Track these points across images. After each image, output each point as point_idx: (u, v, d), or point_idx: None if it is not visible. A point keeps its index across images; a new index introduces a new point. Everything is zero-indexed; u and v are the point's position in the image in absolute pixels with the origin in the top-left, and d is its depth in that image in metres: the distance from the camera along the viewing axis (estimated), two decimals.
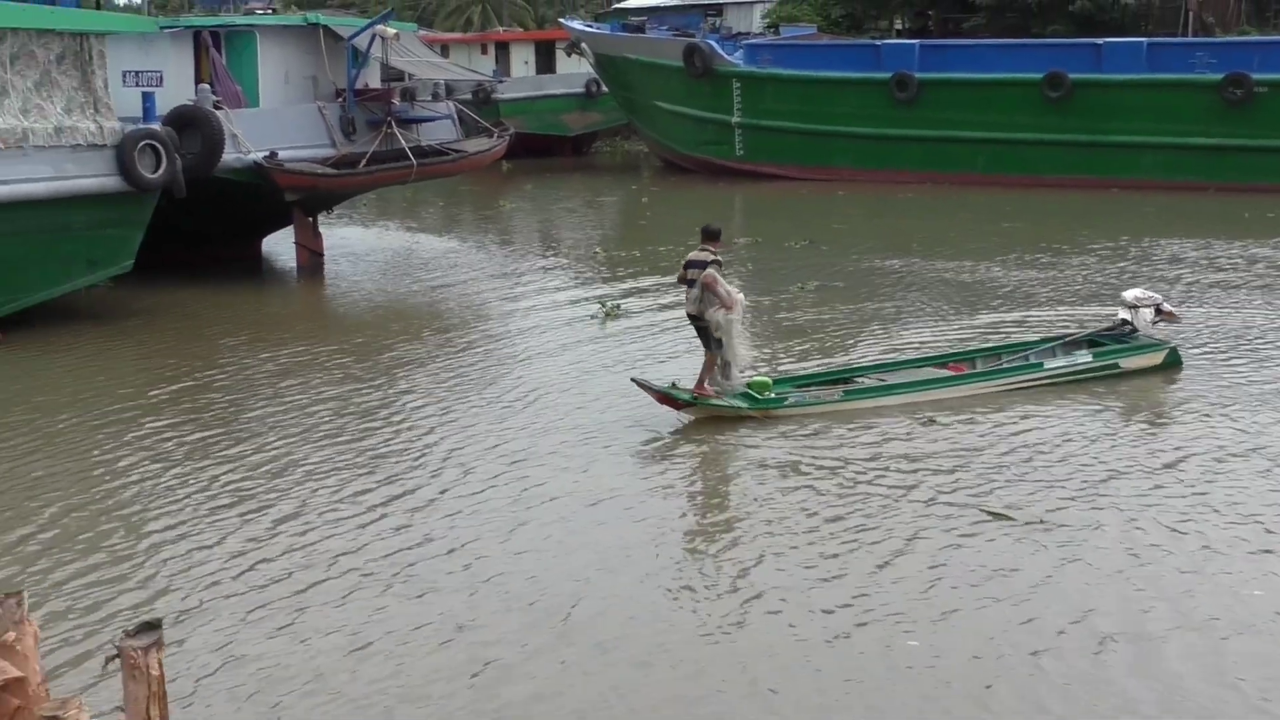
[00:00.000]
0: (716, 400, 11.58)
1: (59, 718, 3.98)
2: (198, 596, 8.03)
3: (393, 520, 9.29)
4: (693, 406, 11.49)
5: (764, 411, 11.53)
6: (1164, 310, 13.20)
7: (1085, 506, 9.27)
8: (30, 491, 10.09)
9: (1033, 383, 12.39)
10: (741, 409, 11.52)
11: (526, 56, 44.41)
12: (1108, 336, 13.30)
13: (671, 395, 11.44)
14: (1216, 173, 28.72)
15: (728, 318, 11.40)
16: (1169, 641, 7.22)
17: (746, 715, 6.54)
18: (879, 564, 8.33)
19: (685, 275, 11.67)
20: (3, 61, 15.13)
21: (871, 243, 22.61)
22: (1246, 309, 16.32)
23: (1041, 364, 12.68)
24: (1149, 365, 12.86)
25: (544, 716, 6.56)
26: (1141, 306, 13.11)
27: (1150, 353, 12.94)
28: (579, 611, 7.72)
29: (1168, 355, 13.00)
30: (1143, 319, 13.08)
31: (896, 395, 12.03)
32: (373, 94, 21.35)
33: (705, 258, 11.52)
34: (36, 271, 15.74)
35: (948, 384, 12.32)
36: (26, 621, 4.21)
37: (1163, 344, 13.12)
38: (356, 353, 14.84)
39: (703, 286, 11.39)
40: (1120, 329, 13.27)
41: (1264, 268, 19.48)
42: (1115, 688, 6.70)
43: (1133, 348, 12.98)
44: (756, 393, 11.63)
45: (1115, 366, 12.74)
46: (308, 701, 6.70)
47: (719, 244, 11.77)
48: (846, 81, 32.53)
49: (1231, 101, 28.72)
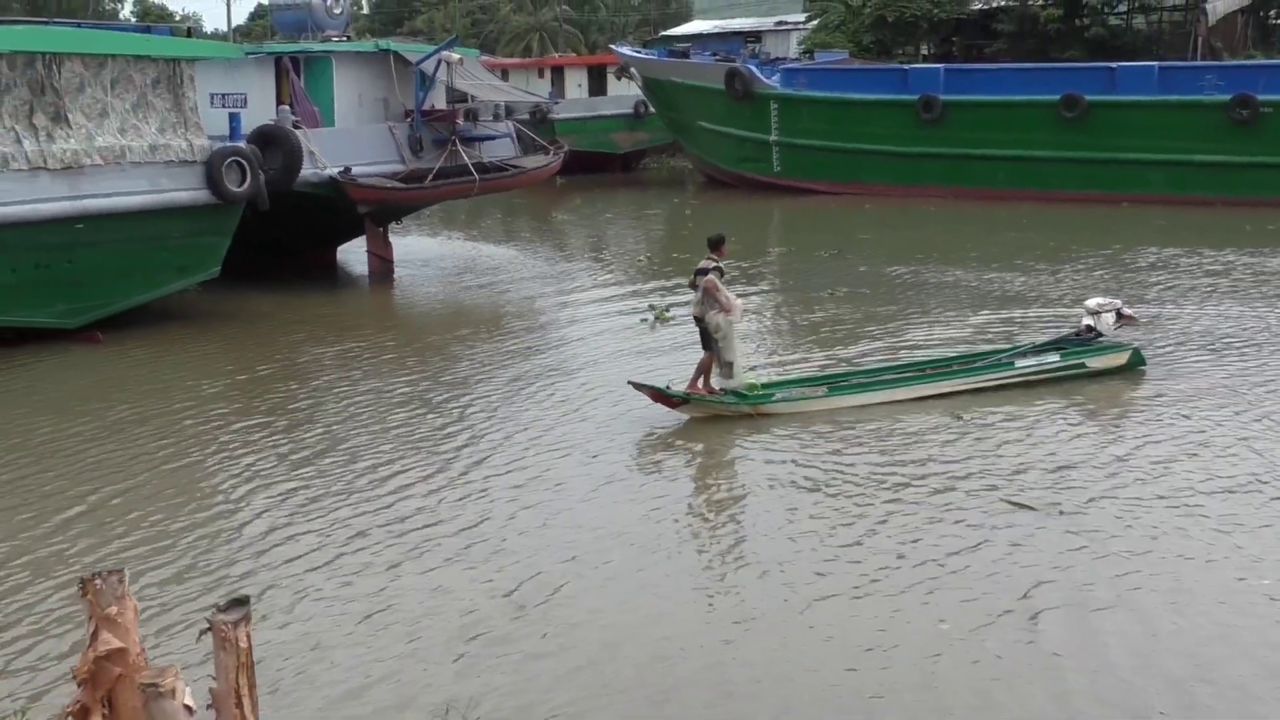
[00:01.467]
0: (709, 397, 11.50)
1: (157, 685, 4.03)
2: (273, 576, 8.11)
3: (496, 506, 9.35)
4: (687, 404, 11.40)
5: (755, 407, 11.47)
6: (1124, 314, 13.24)
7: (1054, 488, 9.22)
8: (132, 476, 10.24)
9: (1005, 380, 12.33)
10: (733, 405, 11.46)
11: (580, 80, 44.48)
12: (1074, 342, 13.23)
13: (667, 394, 11.37)
14: (1223, 188, 28.25)
15: (727, 319, 11.34)
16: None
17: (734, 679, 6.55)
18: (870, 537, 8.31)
19: (694, 280, 11.62)
20: (104, 85, 15.36)
21: (895, 252, 22.46)
22: (1214, 312, 16.13)
23: (1013, 363, 12.63)
24: (1114, 365, 12.81)
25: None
26: (1103, 312, 13.12)
27: (1114, 354, 12.91)
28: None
29: (1131, 356, 12.96)
30: (1105, 324, 13.06)
31: (878, 391, 11.97)
32: (439, 114, 21.46)
33: (708, 265, 11.45)
34: (133, 278, 15.95)
35: (926, 381, 12.24)
36: (127, 597, 4.27)
37: (1126, 346, 13.10)
38: (423, 349, 14.95)
39: (704, 291, 11.34)
40: (1085, 334, 13.22)
41: (1243, 274, 19.20)
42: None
43: (1097, 349, 12.94)
44: (746, 391, 11.58)
45: (1082, 366, 12.68)
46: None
47: (722, 251, 11.68)
48: (876, 103, 32.37)
49: (1238, 121, 28.26)
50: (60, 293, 15.22)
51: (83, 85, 15.08)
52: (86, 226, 15.11)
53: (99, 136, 15.23)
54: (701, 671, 6.72)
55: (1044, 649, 6.91)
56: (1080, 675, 6.59)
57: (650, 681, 6.63)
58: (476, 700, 6.39)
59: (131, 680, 4.10)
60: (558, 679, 6.66)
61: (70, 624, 7.24)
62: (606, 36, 63.75)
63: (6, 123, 14.51)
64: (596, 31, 68.33)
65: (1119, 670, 6.64)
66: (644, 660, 6.86)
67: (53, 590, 7.89)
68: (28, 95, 14.62)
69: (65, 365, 14.43)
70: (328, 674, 6.77)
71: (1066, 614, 7.31)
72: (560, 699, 6.46)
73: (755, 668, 6.72)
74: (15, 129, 14.57)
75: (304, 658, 6.94)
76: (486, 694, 6.48)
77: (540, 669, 6.76)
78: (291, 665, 6.85)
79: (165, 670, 4.12)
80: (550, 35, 64.65)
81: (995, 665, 6.73)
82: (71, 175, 14.95)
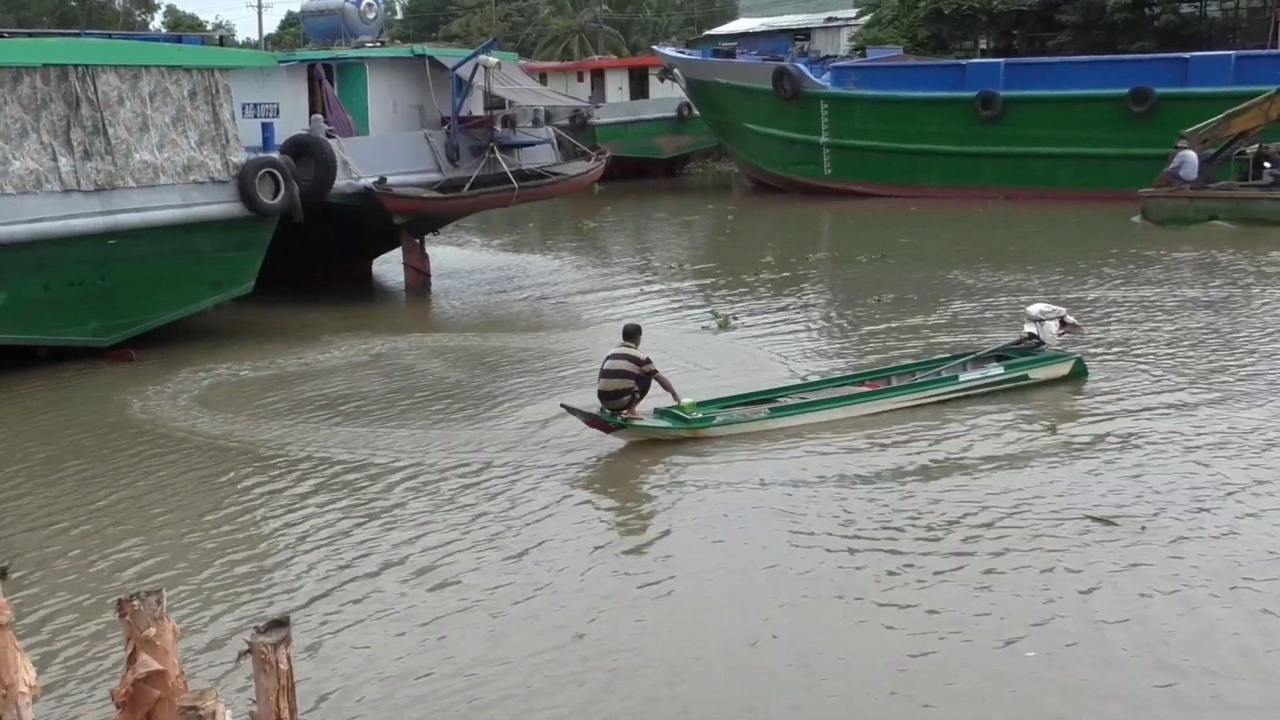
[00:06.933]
0: (645, 422, 11.35)
1: (197, 708, 4.10)
2: (312, 593, 8.22)
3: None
4: (622, 430, 11.26)
5: (694, 431, 11.33)
6: (1068, 322, 13.25)
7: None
8: (163, 497, 10.42)
9: (948, 395, 12.27)
10: (671, 430, 11.34)
11: (621, 83, 44.68)
12: (1015, 351, 13.18)
13: (601, 419, 11.22)
14: None
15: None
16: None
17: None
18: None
19: (613, 367, 11.28)
20: (143, 97, 15.64)
21: (941, 257, 22.40)
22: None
23: (956, 377, 12.57)
24: (1057, 375, 12.79)
25: None
26: (1046, 320, 13.10)
27: (1058, 364, 12.88)
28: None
29: (1075, 365, 12.93)
30: (1048, 331, 13.05)
31: (820, 411, 11.89)
32: (476, 121, 21.66)
33: (640, 356, 11.31)
34: (166, 293, 16.23)
35: (868, 399, 12.17)
36: (165, 618, 4.36)
37: (1069, 355, 13.07)
38: (466, 365, 15.04)
39: (656, 380, 11.22)
40: (1027, 343, 13.16)
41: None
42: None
43: (1041, 359, 12.90)
44: (684, 414, 11.43)
45: (1025, 378, 12.66)
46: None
47: (639, 341, 11.52)
48: (932, 101, 32.21)
49: None
50: (93, 310, 15.52)
51: (121, 99, 15.37)
52: (119, 242, 15.40)
53: (138, 152, 15.50)
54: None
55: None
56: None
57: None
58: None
59: (171, 703, 4.18)
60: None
61: (107, 644, 7.37)
62: (648, 38, 63.98)
63: (44, 138, 14.82)
64: (638, 32, 68.58)
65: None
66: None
67: (91, 610, 8.03)
68: (64, 110, 14.91)
69: (97, 383, 14.70)
70: (371, 695, 6.85)
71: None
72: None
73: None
74: (53, 145, 14.87)
75: (345, 681, 7.01)
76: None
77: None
78: (333, 687, 6.93)
79: (205, 693, 4.20)
80: (590, 37, 64.99)
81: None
82: (104, 191, 15.24)
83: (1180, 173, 25.10)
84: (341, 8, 23.28)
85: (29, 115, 14.67)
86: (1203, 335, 15.08)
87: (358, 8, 23.46)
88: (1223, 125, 25.29)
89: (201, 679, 6.69)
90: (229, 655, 7.16)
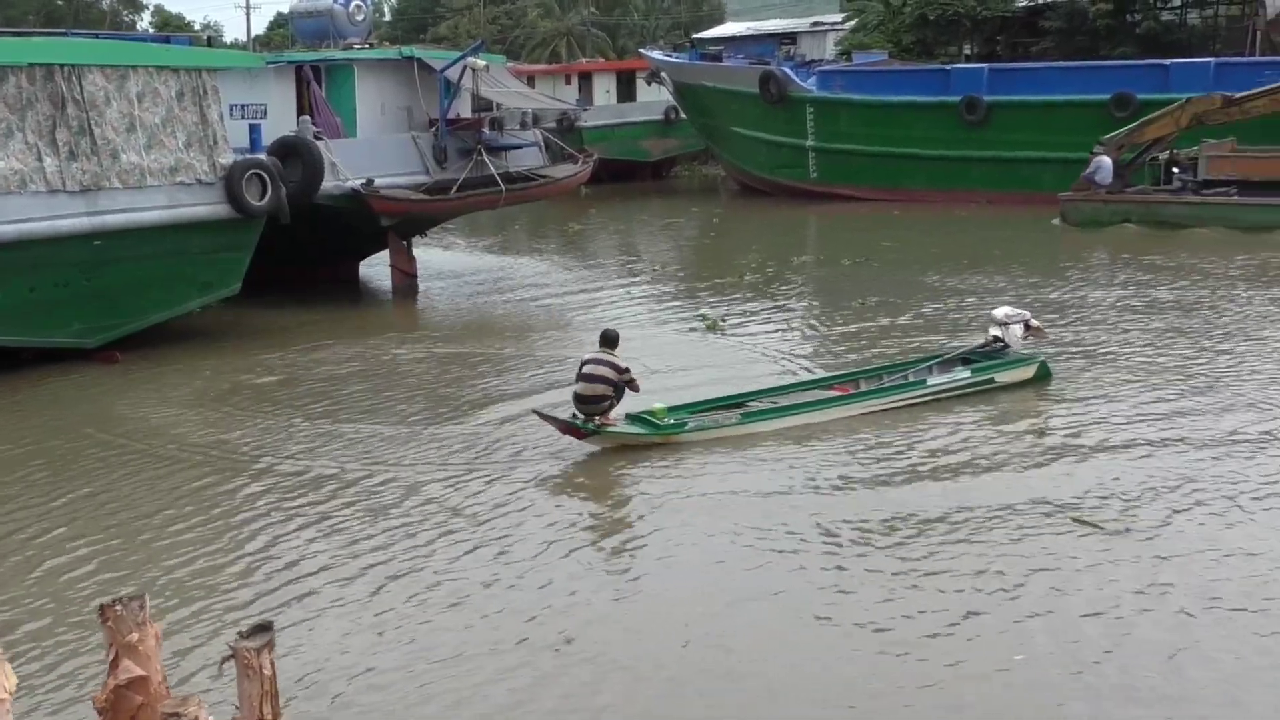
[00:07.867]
0: (619, 429, 11.33)
1: (180, 714, 4.08)
2: (293, 598, 8.17)
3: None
4: (596, 436, 11.25)
5: (666, 437, 11.31)
6: (1032, 325, 13.38)
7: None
8: (144, 500, 10.35)
9: (917, 400, 12.34)
10: (644, 436, 11.32)
11: (608, 86, 44.66)
12: (980, 354, 13.26)
13: (575, 425, 11.21)
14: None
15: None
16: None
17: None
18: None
19: (589, 371, 11.28)
20: (130, 98, 15.54)
21: (923, 260, 22.43)
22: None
23: (924, 381, 12.65)
24: (1022, 379, 12.91)
25: None
26: (1011, 323, 13.19)
27: (1023, 367, 12.99)
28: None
29: (1039, 369, 13.06)
30: (1013, 335, 13.16)
31: (791, 416, 11.90)
32: (464, 123, 21.61)
33: (619, 363, 11.29)
34: (153, 295, 16.12)
35: (839, 404, 12.21)
36: (148, 623, 4.32)
37: (1034, 358, 13.18)
38: (454, 366, 15.01)
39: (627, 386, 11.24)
40: (992, 345, 13.24)
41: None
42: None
43: (1006, 363, 13.01)
44: (656, 419, 11.41)
45: (991, 381, 12.77)
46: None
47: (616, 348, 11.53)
48: (917, 105, 32.29)
49: None
50: (79, 311, 15.42)
51: (108, 99, 15.26)
52: (105, 243, 15.31)
53: (125, 153, 15.40)
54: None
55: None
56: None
57: None
58: None
59: (154, 709, 4.15)
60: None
61: (88, 651, 7.32)
62: (636, 41, 63.96)
63: (29, 138, 14.71)
64: (626, 36, 68.55)
65: None
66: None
67: (71, 615, 7.97)
68: (50, 110, 14.80)
69: (79, 384, 14.61)
70: (356, 698, 6.81)
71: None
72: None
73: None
74: (38, 145, 14.77)
75: (329, 684, 6.98)
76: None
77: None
78: (316, 692, 6.89)
79: (188, 699, 4.17)
80: (578, 40, 64.93)
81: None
82: (90, 191, 15.14)
83: (1096, 177, 25.91)
84: (330, 9, 23.23)
85: (14, 115, 14.57)
86: (1166, 336, 15.26)
87: (346, 9, 23.41)
88: (1138, 132, 26.19)
89: (184, 685, 6.64)
90: (206, 660, 7.10)
